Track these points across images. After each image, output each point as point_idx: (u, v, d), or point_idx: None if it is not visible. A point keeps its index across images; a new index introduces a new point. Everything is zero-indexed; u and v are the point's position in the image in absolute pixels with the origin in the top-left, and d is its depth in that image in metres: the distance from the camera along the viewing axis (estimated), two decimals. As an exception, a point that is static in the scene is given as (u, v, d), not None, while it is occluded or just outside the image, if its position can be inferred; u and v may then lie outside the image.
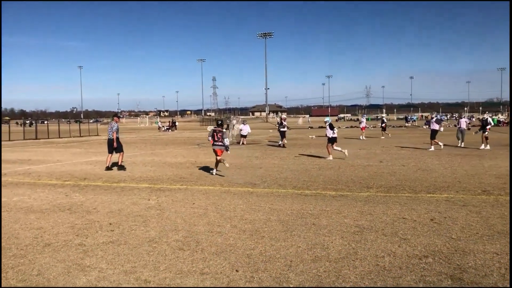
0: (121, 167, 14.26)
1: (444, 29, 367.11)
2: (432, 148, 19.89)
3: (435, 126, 20.23)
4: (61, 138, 39.29)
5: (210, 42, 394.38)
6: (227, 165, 12.42)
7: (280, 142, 23.71)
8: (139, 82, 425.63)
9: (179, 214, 7.65)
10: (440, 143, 20.04)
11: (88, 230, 6.71)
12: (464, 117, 23.00)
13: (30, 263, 5.24)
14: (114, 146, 14.29)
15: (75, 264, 5.18)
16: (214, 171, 12.85)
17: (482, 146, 20.10)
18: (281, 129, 23.67)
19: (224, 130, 13.05)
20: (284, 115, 27.97)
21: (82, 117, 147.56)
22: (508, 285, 3.29)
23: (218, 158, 12.61)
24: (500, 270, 4.71)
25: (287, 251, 5.53)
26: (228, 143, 12.88)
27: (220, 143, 12.63)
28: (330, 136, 16.35)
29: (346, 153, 16.40)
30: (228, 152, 13.10)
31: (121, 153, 14.62)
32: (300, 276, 4.65)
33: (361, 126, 31.42)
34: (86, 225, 7.02)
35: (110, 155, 14.45)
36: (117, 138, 14.38)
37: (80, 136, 42.54)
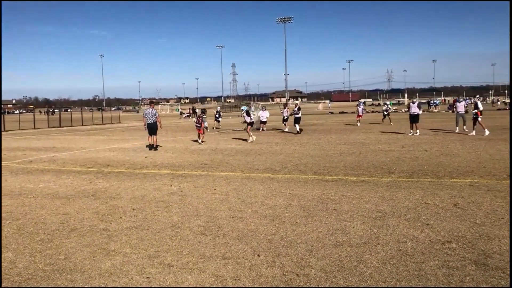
0: (156, 147, 16.55)
1: (468, 10, 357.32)
2: (418, 132, 19.83)
3: (416, 110, 20.15)
4: (84, 125, 39.97)
5: (229, 28, 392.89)
6: (200, 141, 18.50)
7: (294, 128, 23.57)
8: (160, 69, 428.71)
9: (200, 200, 7.73)
10: (418, 130, 19.98)
11: (112, 215, 6.85)
12: (462, 101, 22.45)
13: (57, 247, 5.38)
14: (160, 127, 17.14)
15: (100, 248, 5.29)
16: (200, 140, 18.57)
17: (473, 133, 18.92)
18: (296, 116, 23.41)
19: (204, 116, 19.08)
20: (297, 101, 28.01)
21: (104, 105, 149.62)
22: (508, 285, 3.24)
23: (199, 133, 18.69)
24: (526, 256, 4.63)
25: (308, 236, 5.54)
26: (207, 125, 19.52)
27: (199, 125, 18.68)
28: (249, 121, 19.61)
29: (254, 138, 18.78)
30: (208, 130, 20.21)
31: (156, 136, 16.82)
32: (322, 261, 4.67)
33: (359, 114, 29.24)
34: (110, 210, 7.16)
35: (149, 137, 16.75)
36: (157, 122, 16.69)
37: (103, 124, 43.19)
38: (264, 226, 6.03)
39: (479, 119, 19.20)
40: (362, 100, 39.39)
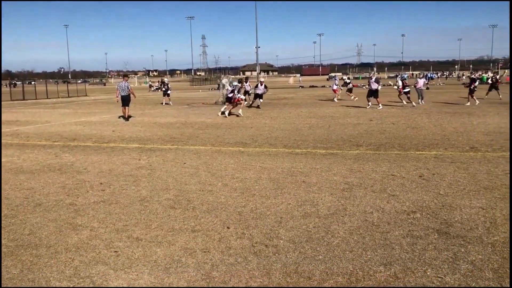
0: (128, 118, 17.40)
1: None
2: (380, 106, 20.19)
3: (375, 86, 20.53)
4: (49, 98, 38.74)
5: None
6: (240, 113, 18.00)
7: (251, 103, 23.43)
8: (127, 41, 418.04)
9: (170, 174, 7.66)
10: (380, 105, 20.41)
11: (79, 190, 6.72)
12: (422, 77, 24.92)
13: (21, 222, 5.25)
14: (134, 97, 17.89)
15: (67, 223, 5.20)
16: (241, 112, 18.06)
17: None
18: (258, 92, 23.13)
19: (239, 85, 18.73)
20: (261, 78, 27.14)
21: (70, 77, 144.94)
22: (508, 285, 3.39)
23: (237, 105, 18.00)
24: (485, 224, 4.82)
25: (277, 208, 5.59)
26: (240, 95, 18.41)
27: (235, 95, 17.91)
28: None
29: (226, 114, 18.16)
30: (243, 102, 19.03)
31: (128, 107, 17.71)
32: (290, 232, 4.73)
33: (333, 89, 28.61)
34: (77, 185, 7.02)
35: (123, 108, 17.51)
36: (129, 95, 17.56)
37: (69, 97, 41.98)
38: (234, 199, 6.05)
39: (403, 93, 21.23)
40: (333, 74, 39.47)
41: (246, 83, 24.97)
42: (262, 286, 3.58)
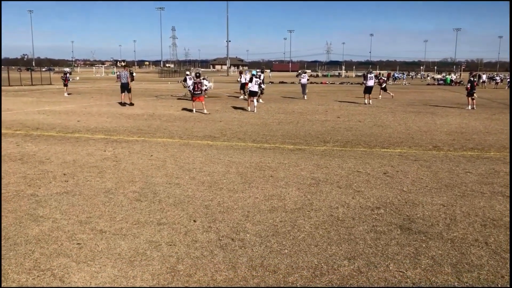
0: (131, 104, 19.44)
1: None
2: (371, 102, 21.34)
3: (372, 82, 21.46)
4: (11, 86, 37.37)
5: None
6: (205, 112, 16.09)
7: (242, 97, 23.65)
8: (95, 30, 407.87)
9: (136, 166, 7.54)
10: (370, 101, 21.45)
11: (41, 180, 6.52)
12: (304, 75, 26.72)
13: (-21, 213, 5.06)
14: (130, 87, 19.94)
15: (27, 214, 5.04)
16: (204, 110, 16.21)
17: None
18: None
19: (202, 81, 17.00)
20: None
21: (33, 64, 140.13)
22: (508, 285, 3.50)
23: (198, 101, 16.49)
24: (445, 221, 4.98)
25: (244, 202, 5.60)
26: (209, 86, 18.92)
27: (198, 92, 16.46)
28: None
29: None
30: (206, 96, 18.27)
31: (131, 94, 20.05)
32: (257, 226, 4.74)
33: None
34: (39, 175, 6.82)
35: (122, 94, 19.92)
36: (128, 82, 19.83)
37: (32, 85, 40.62)
38: (201, 192, 6.02)
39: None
40: (300, 71, 39.53)
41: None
42: (260, 286, 3.58)
